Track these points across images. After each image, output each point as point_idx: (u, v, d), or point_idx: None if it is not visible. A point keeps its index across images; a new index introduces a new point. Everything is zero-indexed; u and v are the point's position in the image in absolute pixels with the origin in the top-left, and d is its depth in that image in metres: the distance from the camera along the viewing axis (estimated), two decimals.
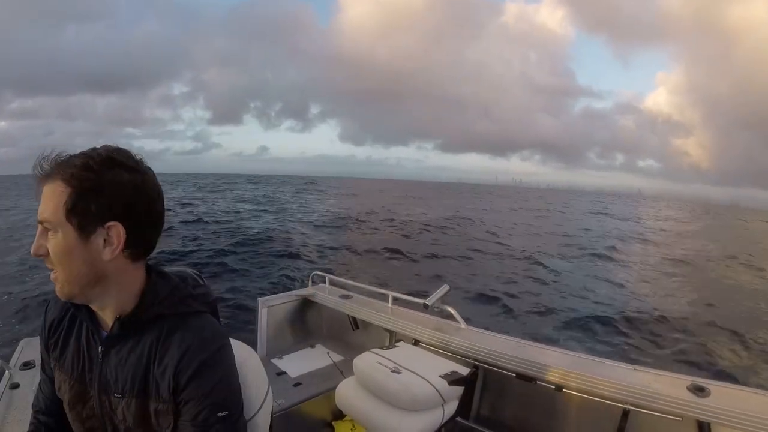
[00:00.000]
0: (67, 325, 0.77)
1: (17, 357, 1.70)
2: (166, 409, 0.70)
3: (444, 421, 1.56)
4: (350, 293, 2.75)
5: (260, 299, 2.68)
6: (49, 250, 0.65)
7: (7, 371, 1.57)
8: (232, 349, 0.76)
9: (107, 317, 0.72)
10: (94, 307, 0.72)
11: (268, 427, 1.02)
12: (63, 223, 0.63)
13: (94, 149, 0.66)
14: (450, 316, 2.17)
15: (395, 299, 2.44)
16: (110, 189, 0.64)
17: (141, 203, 0.67)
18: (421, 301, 2.16)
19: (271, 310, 2.67)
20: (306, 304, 2.87)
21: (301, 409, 2.03)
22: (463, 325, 2.12)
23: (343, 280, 2.88)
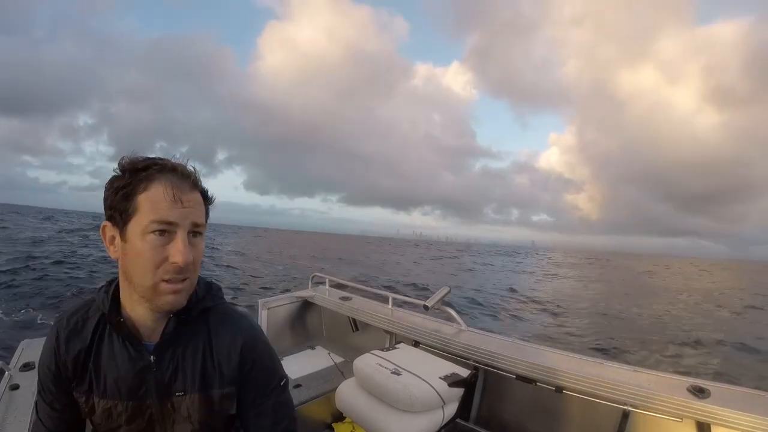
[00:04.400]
0: (96, 352, 0.75)
1: (17, 358, 1.70)
2: (231, 392, 0.78)
3: (444, 422, 1.56)
4: (350, 295, 2.75)
5: (260, 300, 2.68)
6: (194, 257, 0.69)
7: (7, 372, 1.57)
8: None
9: (149, 325, 0.74)
10: (146, 316, 0.72)
11: None
12: (204, 228, 0.72)
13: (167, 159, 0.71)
14: (450, 318, 2.17)
15: (395, 301, 2.44)
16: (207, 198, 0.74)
17: None
18: (420, 302, 2.16)
19: (271, 311, 2.66)
20: (306, 305, 2.87)
21: (301, 411, 2.03)
22: (463, 326, 2.12)
23: (343, 281, 2.88)
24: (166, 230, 0.66)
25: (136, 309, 0.72)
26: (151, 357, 0.73)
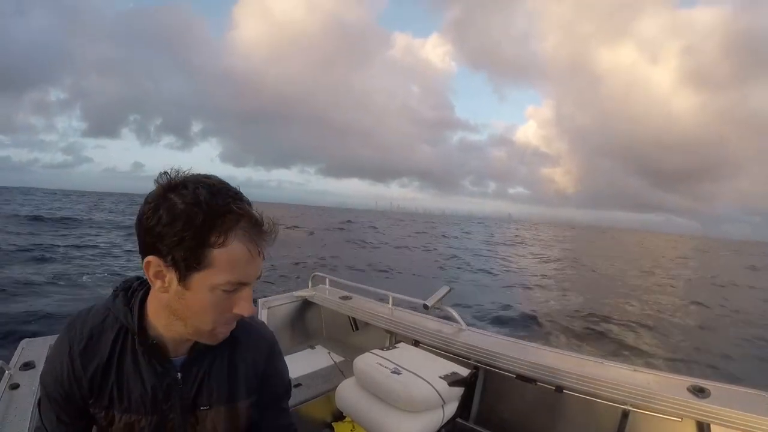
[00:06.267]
0: (117, 368, 0.71)
1: (17, 357, 1.70)
2: (254, 401, 0.81)
3: (444, 422, 1.56)
4: (350, 294, 2.75)
5: (260, 300, 2.69)
6: None
7: (7, 371, 1.57)
8: None
9: (176, 342, 0.72)
10: (178, 337, 0.71)
11: None
12: None
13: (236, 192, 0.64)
14: (450, 317, 2.17)
15: (395, 300, 2.44)
16: None
17: None
18: (421, 301, 2.16)
19: (271, 311, 2.67)
20: (306, 305, 2.87)
21: (302, 410, 2.03)
22: (463, 325, 2.12)
23: (343, 281, 2.89)
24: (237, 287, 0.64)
25: (171, 331, 0.69)
26: (178, 374, 0.72)
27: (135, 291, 0.72)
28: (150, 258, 0.62)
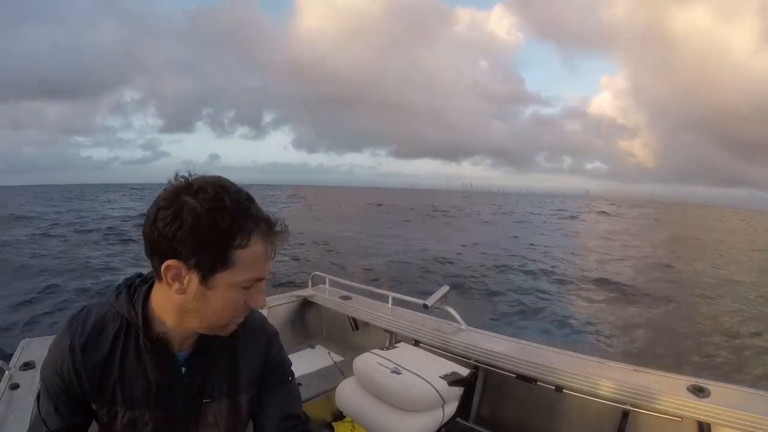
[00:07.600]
0: (120, 363, 0.70)
1: (17, 357, 1.70)
2: (255, 393, 0.81)
3: (444, 421, 1.56)
4: (350, 294, 2.76)
5: None
6: None
7: (7, 372, 1.57)
8: None
9: (181, 337, 0.73)
10: (183, 332, 0.71)
11: None
12: None
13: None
14: (450, 317, 2.17)
15: (395, 300, 2.44)
16: None
17: None
18: (421, 301, 2.16)
19: (271, 310, 2.67)
20: (306, 304, 2.87)
21: None
22: (463, 325, 2.12)
23: (343, 280, 2.89)
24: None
25: (180, 327, 0.70)
26: (182, 368, 0.73)
27: (137, 287, 0.73)
28: (170, 262, 0.63)
